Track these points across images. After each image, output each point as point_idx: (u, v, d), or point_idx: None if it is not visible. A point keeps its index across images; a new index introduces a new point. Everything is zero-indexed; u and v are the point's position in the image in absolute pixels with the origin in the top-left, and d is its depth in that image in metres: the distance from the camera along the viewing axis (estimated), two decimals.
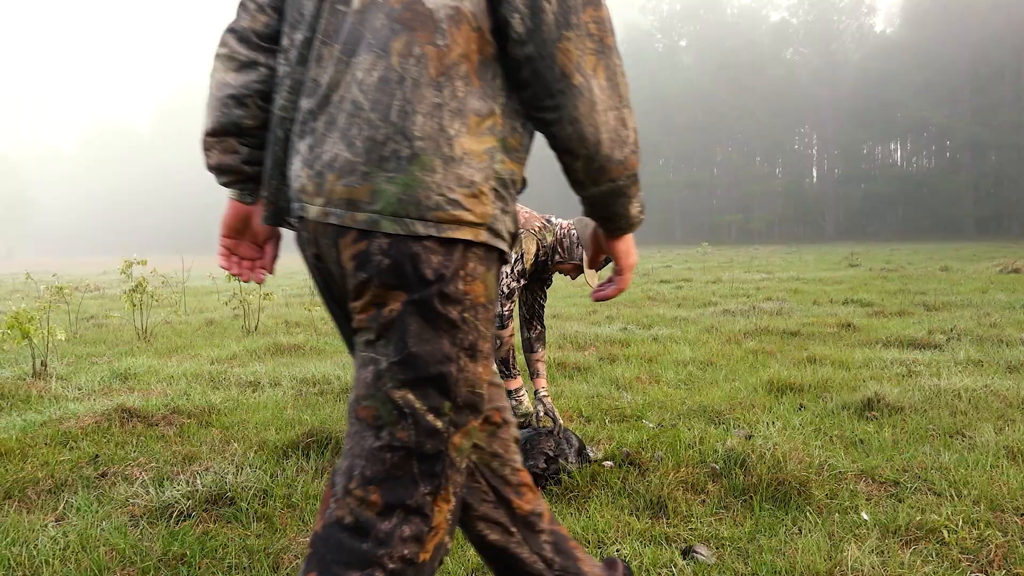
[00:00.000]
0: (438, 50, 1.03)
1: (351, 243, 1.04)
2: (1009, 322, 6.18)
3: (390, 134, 1.02)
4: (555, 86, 1.04)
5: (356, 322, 1.08)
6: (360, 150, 1.03)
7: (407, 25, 1.03)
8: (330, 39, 1.08)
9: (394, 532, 1.05)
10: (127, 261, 6.85)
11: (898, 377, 4.21)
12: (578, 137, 1.07)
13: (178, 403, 3.76)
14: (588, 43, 1.05)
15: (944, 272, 12.84)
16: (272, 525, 2.28)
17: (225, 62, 1.20)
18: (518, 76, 1.07)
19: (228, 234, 1.31)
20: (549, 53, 1.03)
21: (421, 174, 1.01)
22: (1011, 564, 1.92)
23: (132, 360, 5.25)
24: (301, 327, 7.26)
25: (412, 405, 1.04)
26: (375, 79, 1.03)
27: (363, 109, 1.03)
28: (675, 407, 3.58)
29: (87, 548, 2.10)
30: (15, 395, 4.05)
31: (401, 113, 1.02)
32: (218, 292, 11.38)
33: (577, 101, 1.05)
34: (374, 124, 1.02)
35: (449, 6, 1.03)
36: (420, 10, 1.03)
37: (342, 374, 4.55)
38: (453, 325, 1.05)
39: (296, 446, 2.98)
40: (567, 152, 1.10)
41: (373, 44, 1.04)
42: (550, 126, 1.08)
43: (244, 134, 1.21)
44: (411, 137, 1.01)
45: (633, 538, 2.13)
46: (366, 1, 1.05)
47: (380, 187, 1.02)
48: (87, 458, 2.93)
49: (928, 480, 2.52)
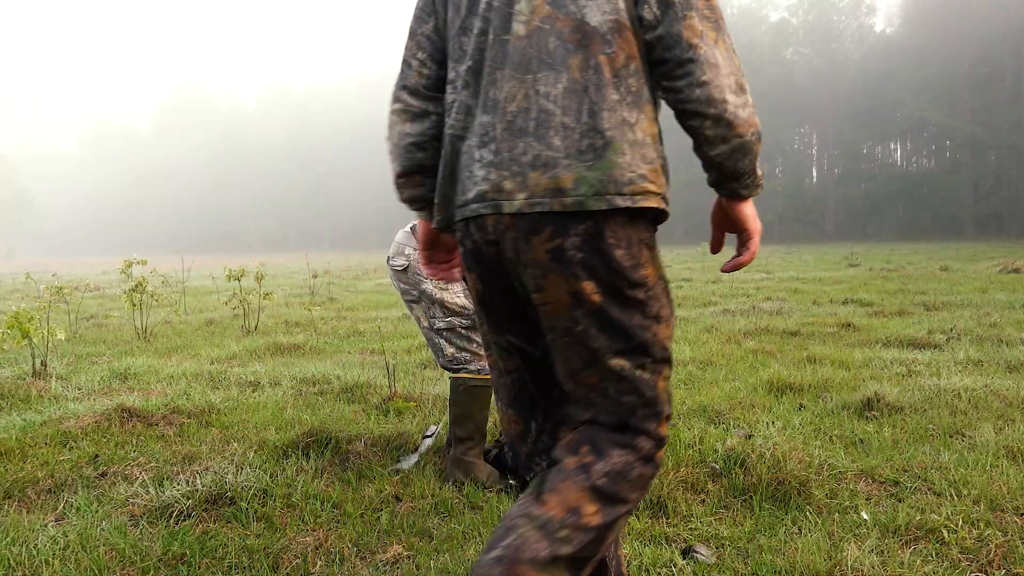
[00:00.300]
0: (609, 57, 1.24)
1: (547, 239, 1.23)
2: (1009, 322, 6.18)
3: (584, 131, 1.23)
4: (684, 55, 1.23)
5: (550, 309, 1.28)
6: (559, 147, 1.22)
7: (579, 43, 1.24)
8: (501, 64, 1.29)
9: (638, 442, 1.30)
10: (127, 261, 6.85)
11: (898, 377, 4.21)
12: (707, 98, 1.23)
13: (178, 403, 3.76)
14: (707, 21, 1.24)
15: (944, 272, 12.84)
16: (272, 525, 2.29)
17: (401, 115, 1.44)
18: (653, 57, 1.26)
19: (425, 247, 1.58)
20: (676, 31, 1.23)
21: (614, 158, 1.22)
22: (1011, 564, 1.92)
23: (132, 360, 5.25)
24: (301, 327, 7.26)
25: (625, 368, 1.29)
26: (560, 90, 1.24)
27: (554, 115, 1.23)
28: (675, 407, 3.58)
29: (87, 548, 2.10)
30: (15, 395, 4.05)
31: (590, 113, 1.23)
32: (218, 292, 11.38)
33: (705, 66, 1.22)
34: (568, 126, 1.23)
35: (610, 20, 1.24)
36: (587, 29, 1.24)
37: (342, 374, 4.55)
38: (642, 303, 1.29)
39: (296, 446, 2.98)
40: (697, 114, 1.25)
41: (551, 62, 1.25)
42: (681, 92, 1.24)
43: (426, 172, 1.45)
44: (602, 130, 1.23)
45: (633, 538, 2.13)
46: (531, 28, 1.26)
47: (582, 175, 1.22)
48: (87, 458, 2.93)
49: (928, 480, 2.52)
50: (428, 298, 2.75)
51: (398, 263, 2.80)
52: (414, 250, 2.78)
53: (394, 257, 2.82)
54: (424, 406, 3.73)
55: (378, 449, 2.97)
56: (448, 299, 2.74)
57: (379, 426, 3.33)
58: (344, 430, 3.14)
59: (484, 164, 1.28)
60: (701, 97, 1.23)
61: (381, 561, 2.06)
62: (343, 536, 2.21)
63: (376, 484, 2.63)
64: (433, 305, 2.76)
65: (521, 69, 1.26)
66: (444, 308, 2.74)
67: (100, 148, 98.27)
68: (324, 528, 2.27)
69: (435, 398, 3.85)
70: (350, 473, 2.73)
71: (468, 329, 2.76)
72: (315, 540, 2.18)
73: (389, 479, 2.68)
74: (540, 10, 1.26)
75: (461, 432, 2.72)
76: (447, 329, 2.76)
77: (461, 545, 2.14)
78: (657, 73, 1.28)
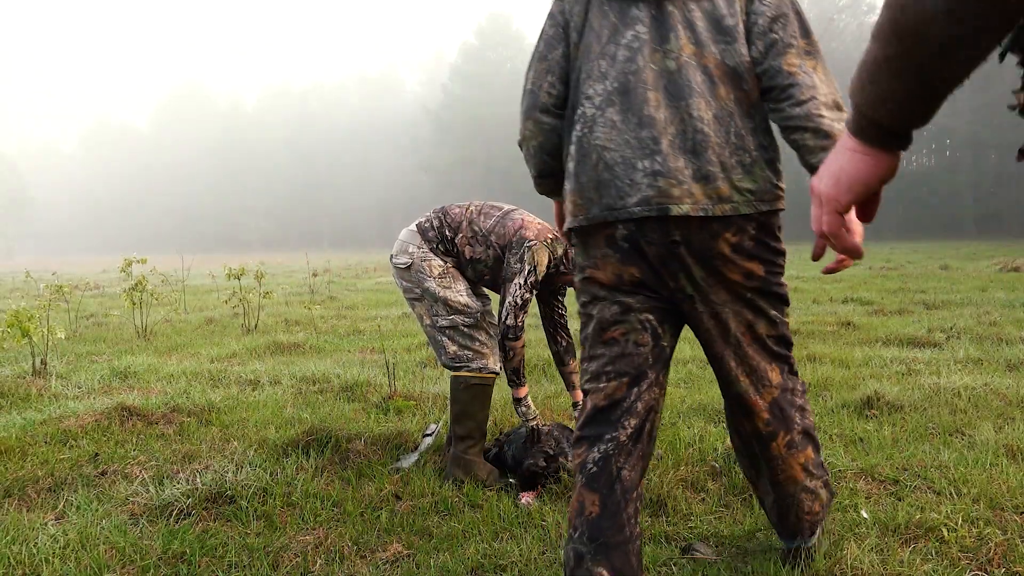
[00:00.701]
0: (745, 92, 1.57)
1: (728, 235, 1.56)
2: (1009, 320, 6.18)
3: (733, 151, 1.56)
4: (785, 82, 1.53)
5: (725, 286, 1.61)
6: (716, 163, 1.54)
7: (722, 79, 1.56)
8: (653, 88, 1.57)
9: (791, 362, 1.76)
10: (127, 260, 6.85)
11: (898, 375, 4.21)
12: (806, 114, 1.50)
13: (178, 401, 3.76)
14: (804, 54, 1.55)
15: (944, 270, 12.84)
16: (272, 523, 2.29)
17: (537, 132, 1.75)
18: (762, 86, 1.58)
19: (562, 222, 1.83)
20: (778, 64, 1.55)
21: (759, 171, 1.57)
22: (1010, 562, 1.92)
23: (132, 359, 5.25)
24: (301, 326, 7.26)
25: (780, 317, 1.71)
26: (711, 116, 1.55)
27: (709, 137, 1.55)
28: (675, 405, 3.58)
29: (87, 546, 2.10)
30: (15, 393, 4.05)
31: (736, 136, 1.56)
32: (218, 291, 11.38)
33: (804, 89, 1.52)
34: (721, 145, 1.55)
35: (745, 62, 1.57)
36: (726, 69, 1.57)
37: (342, 372, 4.55)
38: (782, 270, 1.67)
39: (296, 444, 2.98)
40: (799, 128, 1.52)
41: (700, 92, 1.56)
42: (784, 111, 1.54)
43: (555, 173, 1.80)
44: (748, 150, 1.56)
45: None
46: (681, 63, 1.56)
47: (737, 185, 1.55)
48: (87, 456, 2.93)
49: (927, 478, 2.52)
50: (431, 296, 2.75)
51: (401, 261, 2.80)
52: (418, 248, 2.78)
53: (397, 255, 2.82)
54: (424, 405, 3.73)
55: (378, 448, 2.97)
56: (451, 297, 2.74)
57: (379, 425, 3.33)
58: (344, 429, 3.15)
59: (647, 174, 1.56)
60: (802, 114, 1.51)
61: (381, 559, 2.06)
62: (343, 535, 2.21)
63: (376, 483, 2.63)
64: (436, 303, 2.75)
65: (674, 97, 1.56)
66: (447, 306, 2.74)
67: (100, 147, 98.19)
68: (324, 527, 2.27)
69: (435, 397, 3.85)
70: (350, 472, 2.74)
71: (471, 327, 2.76)
72: (315, 538, 2.18)
73: (389, 478, 2.68)
74: (687, 49, 1.57)
75: (461, 430, 2.72)
76: (450, 327, 2.76)
77: (461, 544, 2.15)
78: (766, 99, 1.59)
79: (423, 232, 2.80)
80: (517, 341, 2.69)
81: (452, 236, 2.78)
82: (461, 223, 2.79)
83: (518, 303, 2.67)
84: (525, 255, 2.69)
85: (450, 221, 2.80)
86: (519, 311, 2.68)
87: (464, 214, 2.81)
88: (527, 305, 2.71)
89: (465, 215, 2.81)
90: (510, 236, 2.73)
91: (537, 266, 2.70)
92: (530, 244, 2.69)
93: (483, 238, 2.75)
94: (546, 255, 2.73)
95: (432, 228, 2.80)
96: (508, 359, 2.73)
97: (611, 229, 1.60)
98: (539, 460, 2.60)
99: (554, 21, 1.72)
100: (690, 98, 1.55)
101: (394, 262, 2.84)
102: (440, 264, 2.76)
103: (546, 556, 2.05)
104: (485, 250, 2.76)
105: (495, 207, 2.86)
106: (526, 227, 2.74)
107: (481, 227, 2.76)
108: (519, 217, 2.79)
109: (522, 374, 2.76)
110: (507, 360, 2.74)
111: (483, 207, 2.84)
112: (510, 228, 2.74)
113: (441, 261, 2.77)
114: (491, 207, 2.85)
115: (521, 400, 2.78)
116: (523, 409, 2.77)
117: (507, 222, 2.76)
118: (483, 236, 2.75)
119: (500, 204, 2.90)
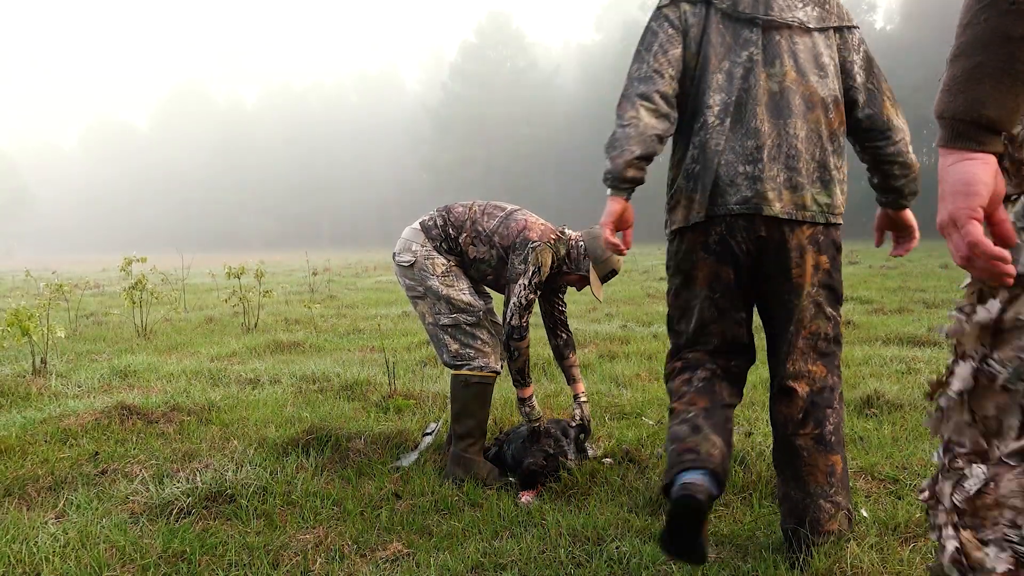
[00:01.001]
0: (830, 120, 1.89)
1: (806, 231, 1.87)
2: None
3: (816, 167, 1.87)
4: (885, 127, 1.93)
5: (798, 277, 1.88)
6: (803, 176, 1.85)
7: (814, 107, 1.87)
8: (759, 104, 1.84)
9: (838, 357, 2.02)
10: (127, 259, 6.85)
11: (898, 374, 4.21)
12: (898, 152, 1.94)
13: (178, 400, 3.76)
14: (894, 102, 1.94)
15: (944, 269, 12.83)
16: (272, 522, 2.29)
17: (652, 112, 1.82)
18: (861, 127, 1.95)
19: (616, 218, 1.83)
20: (878, 111, 1.93)
21: (834, 188, 1.89)
22: None
23: (132, 357, 5.25)
24: (301, 324, 7.27)
25: (834, 314, 1.98)
26: (803, 135, 1.85)
27: (800, 153, 1.85)
28: None
29: (87, 545, 2.10)
30: (15, 392, 4.05)
31: (821, 154, 1.87)
32: (217, 289, 11.38)
33: (897, 132, 1.94)
34: (808, 162, 1.86)
35: (833, 95, 1.89)
36: (818, 99, 1.87)
37: (342, 371, 4.55)
38: (840, 266, 1.96)
39: (296, 443, 2.98)
40: (892, 163, 1.94)
41: (796, 114, 1.85)
42: (882, 150, 1.94)
43: (651, 160, 1.83)
44: (828, 168, 1.88)
45: (632, 535, 2.14)
46: (783, 87, 1.85)
47: (817, 198, 1.87)
48: (87, 455, 2.93)
49: (927, 477, 2.52)
50: (434, 294, 2.75)
51: (404, 259, 2.80)
52: (421, 246, 2.78)
53: (400, 253, 2.82)
54: (424, 403, 3.73)
55: (378, 446, 2.98)
56: (454, 295, 2.74)
57: (379, 423, 3.33)
58: (344, 428, 3.15)
59: (748, 178, 1.83)
60: (895, 152, 1.93)
61: (381, 558, 2.07)
62: (343, 533, 2.21)
63: (376, 481, 2.63)
64: (439, 301, 2.75)
65: (775, 114, 1.85)
66: (450, 304, 2.74)
67: (100, 145, 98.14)
68: (324, 525, 2.27)
69: (435, 395, 3.85)
70: (350, 470, 2.74)
71: (473, 326, 2.76)
72: (315, 537, 2.18)
73: (389, 476, 2.68)
74: (789, 75, 1.85)
75: (461, 429, 2.72)
76: (452, 325, 2.76)
77: (461, 542, 2.15)
78: (863, 138, 1.96)
79: (427, 230, 2.80)
80: (522, 341, 2.70)
81: (455, 235, 2.78)
82: (464, 223, 2.79)
83: (522, 304, 2.67)
84: (529, 256, 2.69)
85: (453, 220, 2.80)
86: (523, 312, 2.68)
87: (467, 214, 2.81)
88: (531, 306, 2.71)
89: (468, 215, 2.81)
90: (514, 237, 2.73)
91: (541, 267, 2.70)
92: (534, 245, 2.70)
93: (486, 238, 2.76)
94: (550, 256, 2.74)
95: (436, 227, 2.80)
96: (513, 359, 2.73)
97: (712, 228, 1.87)
98: (539, 459, 2.60)
99: (671, 23, 1.89)
100: (789, 118, 1.84)
101: (397, 260, 2.83)
102: (443, 262, 2.77)
103: (546, 555, 2.05)
104: (488, 250, 2.76)
105: (498, 207, 2.86)
106: (530, 228, 2.74)
107: (484, 227, 2.77)
108: (522, 218, 2.79)
109: (527, 374, 2.76)
110: (512, 360, 2.74)
111: (486, 207, 2.85)
112: (514, 229, 2.75)
113: (444, 259, 2.77)
114: (494, 207, 2.85)
115: (526, 400, 2.78)
116: (527, 409, 2.78)
117: (511, 223, 2.77)
118: (486, 236, 2.76)
119: (503, 204, 2.90)
